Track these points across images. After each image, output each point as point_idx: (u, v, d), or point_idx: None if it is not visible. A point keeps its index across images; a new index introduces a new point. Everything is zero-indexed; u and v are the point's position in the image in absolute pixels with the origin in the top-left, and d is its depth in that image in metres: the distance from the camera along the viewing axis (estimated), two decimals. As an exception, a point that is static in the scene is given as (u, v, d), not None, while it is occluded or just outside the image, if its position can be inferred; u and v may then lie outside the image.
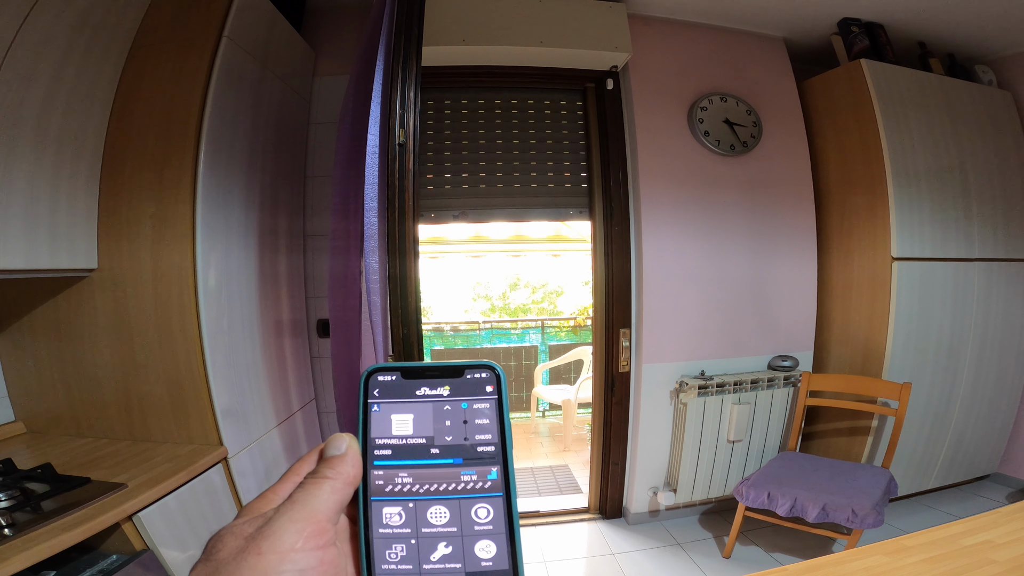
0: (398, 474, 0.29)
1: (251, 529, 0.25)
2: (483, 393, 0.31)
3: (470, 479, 0.29)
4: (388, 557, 0.27)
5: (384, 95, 1.24)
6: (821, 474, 2.00)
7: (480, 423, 0.30)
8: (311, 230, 2.16)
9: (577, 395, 3.58)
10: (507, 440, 0.30)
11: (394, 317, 1.23)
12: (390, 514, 0.28)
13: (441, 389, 0.31)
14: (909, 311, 2.22)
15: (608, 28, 2.12)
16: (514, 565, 0.27)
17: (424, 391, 0.31)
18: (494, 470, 0.29)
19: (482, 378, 0.31)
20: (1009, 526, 0.88)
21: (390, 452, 0.29)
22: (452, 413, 0.30)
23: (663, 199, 2.26)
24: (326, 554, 0.26)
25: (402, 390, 0.31)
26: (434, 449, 0.29)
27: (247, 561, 0.24)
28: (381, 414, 0.30)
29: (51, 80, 1.24)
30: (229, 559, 0.24)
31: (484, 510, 0.28)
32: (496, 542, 0.28)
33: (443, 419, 0.30)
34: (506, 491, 0.29)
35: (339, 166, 1.39)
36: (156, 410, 1.46)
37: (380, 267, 1.20)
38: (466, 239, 5.00)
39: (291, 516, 0.26)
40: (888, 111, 2.20)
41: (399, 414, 0.30)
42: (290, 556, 0.24)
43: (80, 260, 1.38)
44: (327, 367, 2.19)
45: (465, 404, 0.30)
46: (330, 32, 2.20)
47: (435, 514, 0.28)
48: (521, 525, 1.93)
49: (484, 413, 0.30)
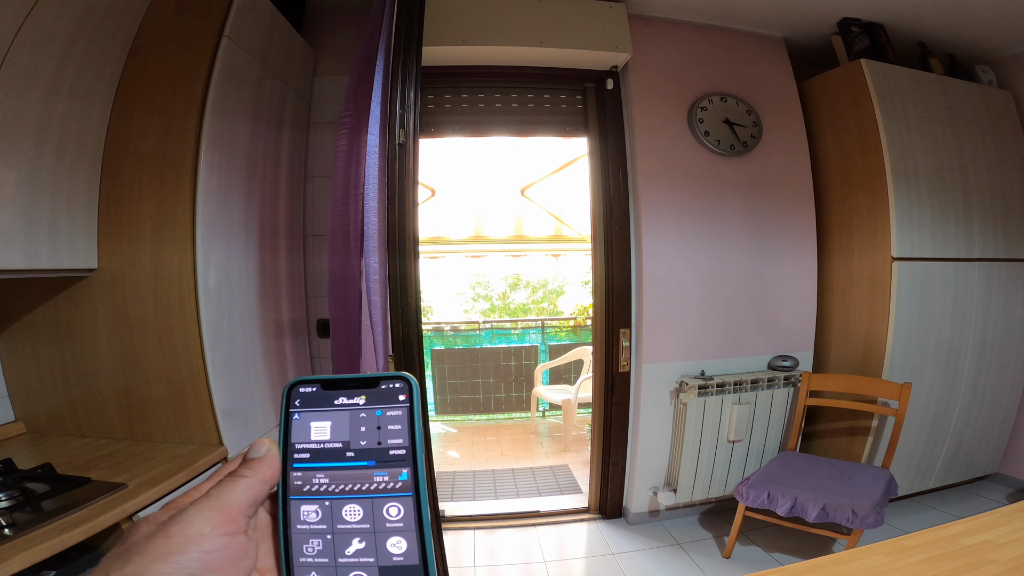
0: (315, 475, 0.31)
1: (164, 517, 0.27)
2: (396, 401, 0.32)
3: (382, 480, 0.31)
4: (305, 551, 0.29)
5: (384, 95, 1.24)
6: (821, 474, 2.00)
7: (393, 428, 0.32)
8: (311, 230, 2.16)
9: (577, 395, 3.58)
10: (417, 444, 0.31)
11: (394, 317, 1.23)
12: (307, 511, 0.30)
13: (358, 398, 0.33)
14: (909, 311, 2.22)
15: (608, 28, 2.12)
16: (424, 561, 0.29)
17: (342, 400, 0.33)
18: (405, 471, 0.31)
19: (396, 388, 0.33)
20: (1009, 526, 0.88)
21: (308, 455, 0.32)
22: (367, 420, 0.32)
23: (663, 199, 2.25)
24: (233, 540, 0.27)
25: (321, 400, 0.33)
26: (349, 452, 0.31)
27: (155, 542, 0.26)
28: (301, 421, 0.32)
29: (51, 80, 1.24)
30: (140, 542, 0.26)
31: (395, 508, 0.30)
32: (407, 539, 0.30)
33: (358, 425, 0.32)
34: (416, 491, 0.30)
35: (339, 166, 1.40)
36: (156, 410, 1.46)
37: (380, 267, 1.20)
38: (466, 239, 5.00)
39: (202, 506, 0.27)
40: (888, 111, 2.20)
41: (318, 421, 0.32)
42: (196, 540, 0.26)
43: (80, 260, 1.38)
44: (327, 367, 2.19)
45: (379, 412, 0.32)
46: (330, 32, 2.20)
47: (349, 512, 0.30)
48: (521, 525, 1.94)
49: (397, 419, 0.32)
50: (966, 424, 2.44)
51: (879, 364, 2.23)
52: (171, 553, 0.25)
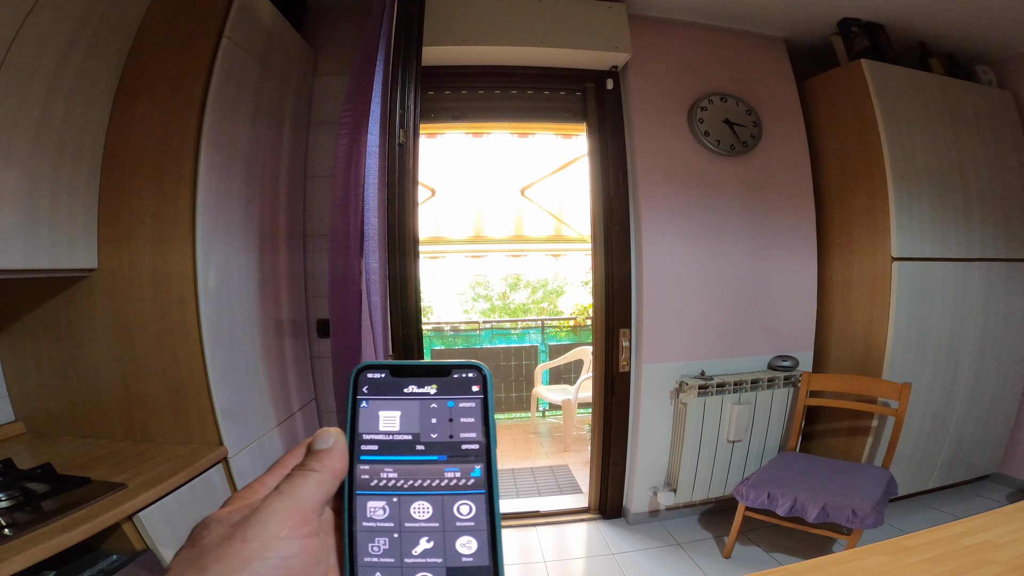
0: (383, 469, 0.30)
1: (237, 518, 0.26)
2: (469, 392, 0.31)
3: (454, 476, 0.29)
4: (371, 550, 0.28)
5: (384, 95, 1.24)
6: (821, 474, 2.00)
7: (465, 421, 0.30)
8: (311, 230, 2.16)
9: (577, 395, 3.58)
10: (491, 439, 0.30)
11: (394, 317, 1.23)
12: (374, 508, 0.29)
13: (428, 387, 0.31)
14: (909, 311, 2.22)
15: (608, 28, 2.12)
16: (494, 562, 0.28)
17: (412, 389, 0.31)
18: (478, 468, 0.30)
19: (469, 378, 0.31)
20: (1009, 526, 0.88)
21: (376, 447, 0.30)
22: (438, 411, 0.31)
23: (663, 199, 2.25)
24: (309, 543, 0.26)
25: (390, 388, 0.31)
26: (419, 446, 0.30)
27: (231, 547, 0.24)
28: (369, 410, 0.31)
29: (51, 80, 1.24)
30: (214, 545, 0.24)
31: (466, 507, 0.29)
32: (477, 538, 0.28)
33: (429, 416, 0.31)
34: (489, 489, 0.29)
35: (339, 165, 1.39)
36: (156, 410, 1.46)
37: (380, 267, 1.20)
38: (466, 239, 4.99)
39: (277, 506, 0.26)
40: (888, 111, 2.20)
41: (387, 411, 0.31)
42: (273, 544, 0.25)
43: (80, 260, 1.38)
44: (327, 367, 2.19)
45: (451, 403, 0.31)
46: (330, 32, 2.20)
47: (418, 509, 0.29)
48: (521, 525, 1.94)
49: (470, 412, 0.31)
50: (966, 424, 2.44)
51: (879, 364, 2.23)
52: (249, 560, 0.24)
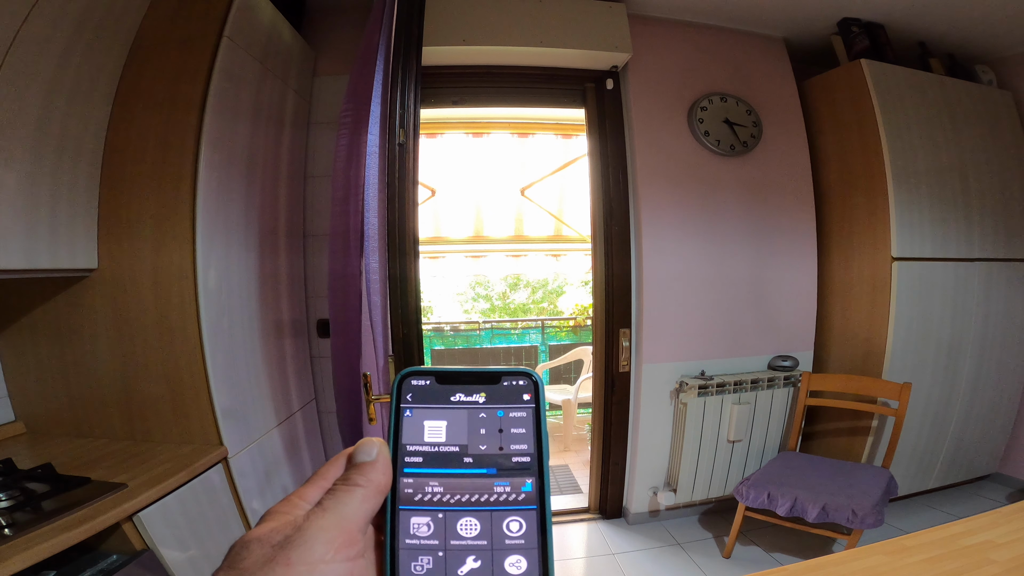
0: (428, 483, 0.28)
1: (279, 537, 0.24)
2: (520, 401, 0.29)
3: (503, 491, 0.28)
4: (414, 569, 0.26)
5: (384, 95, 1.24)
6: (821, 474, 2.00)
7: (516, 432, 0.29)
8: (311, 230, 2.16)
9: (577, 395, 3.58)
10: (544, 451, 0.28)
11: (394, 317, 1.23)
12: (418, 524, 0.27)
13: (477, 395, 0.30)
14: (909, 311, 2.22)
15: (608, 28, 2.12)
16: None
17: (459, 397, 0.30)
18: (529, 482, 0.28)
19: (520, 385, 0.30)
20: (1009, 526, 0.88)
21: (421, 460, 0.28)
22: (487, 421, 0.29)
23: (663, 199, 2.25)
24: (355, 566, 0.25)
25: (436, 395, 0.30)
26: (467, 458, 0.28)
27: (275, 572, 0.23)
28: (413, 420, 0.29)
29: (51, 80, 1.24)
30: (255, 568, 0.23)
31: (516, 523, 0.27)
32: (528, 557, 0.26)
33: (478, 427, 0.29)
34: (540, 505, 0.27)
35: (339, 166, 1.39)
36: (156, 410, 1.46)
37: (380, 267, 1.20)
38: (466, 239, 4.99)
39: (321, 525, 0.25)
40: (888, 111, 2.20)
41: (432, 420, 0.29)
42: (319, 568, 0.23)
43: (80, 260, 1.38)
44: (327, 367, 2.19)
45: (501, 412, 0.29)
46: (330, 32, 2.20)
47: (465, 526, 0.27)
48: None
49: (521, 422, 0.29)
50: (966, 424, 2.44)
51: (879, 364, 2.23)
52: None
